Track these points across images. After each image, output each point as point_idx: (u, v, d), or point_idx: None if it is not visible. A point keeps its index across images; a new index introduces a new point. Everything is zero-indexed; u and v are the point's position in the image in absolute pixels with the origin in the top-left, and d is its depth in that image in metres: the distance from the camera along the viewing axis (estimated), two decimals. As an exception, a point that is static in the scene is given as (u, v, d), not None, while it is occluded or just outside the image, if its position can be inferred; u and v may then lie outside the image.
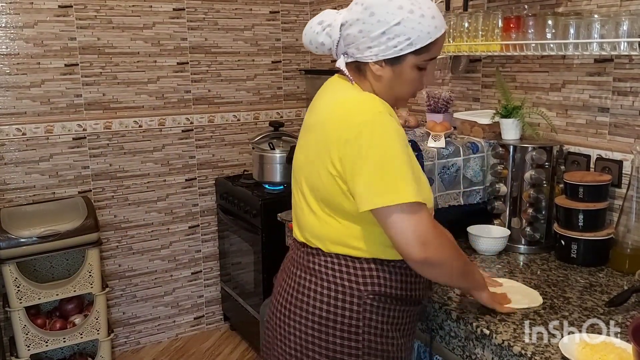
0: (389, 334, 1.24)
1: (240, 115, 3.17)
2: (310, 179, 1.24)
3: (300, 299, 1.25)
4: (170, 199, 3.05)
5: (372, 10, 1.14)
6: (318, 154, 1.20)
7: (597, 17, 1.57)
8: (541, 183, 1.74)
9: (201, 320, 3.25)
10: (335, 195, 1.18)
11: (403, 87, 1.23)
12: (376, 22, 1.14)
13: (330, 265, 1.23)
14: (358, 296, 1.21)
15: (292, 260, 1.33)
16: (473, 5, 2.14)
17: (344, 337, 1.20)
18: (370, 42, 1.16)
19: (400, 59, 1.17)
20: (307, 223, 1.27)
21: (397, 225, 1.10)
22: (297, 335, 1.24)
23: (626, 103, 1.69)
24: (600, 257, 1.63)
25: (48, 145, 2.70)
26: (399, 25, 1.13)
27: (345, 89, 1.23)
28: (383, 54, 1.17)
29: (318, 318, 1.21)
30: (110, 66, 2.79)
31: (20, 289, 2.40)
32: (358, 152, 1.11)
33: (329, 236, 1.23)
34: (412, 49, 1.16)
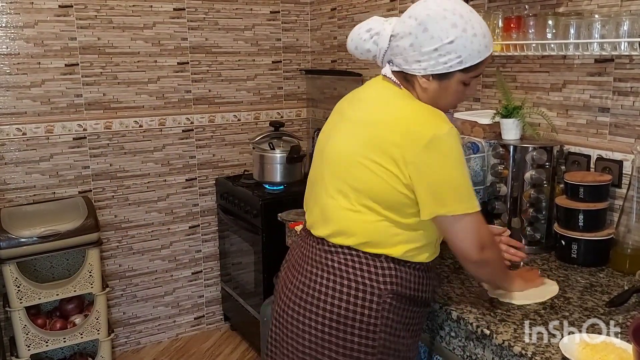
0: (401, 333, 1.26)
1: (241, 115, 3.17)
2: (353, 171, 1.23)
3: (317, 297, 1.24)
4: (170, 199, 3.05)
5: (426, 26, 1.17)
6: (374, 151, 1.20)
7: (597, 17, 1.57)
8: (541, 183, 1.74)
9: (201, 320, 3.25)
10: (390, 195, 1.20)
11: (447, 99, 1.27)
12: (429, 39, 1.17)
13: (351, 263, 1.23)
14: (378, 295, 1.22)
15: (305, 257, 1.32)
16: (473, 5, 2.13)
17: (361, 336, 1.21)
18: (420, 56, 1.19)
19: (448, 75, 1.21)
20: (341, 217, 1.25)
21: (464, 231, 1.20)
22: (312, 334, 1.24)
23: (627, 103, 1.69)
24: (600, 257, 1.63)
25: (48, 145, 2.70)
26: (452, 43, 1.17)
27: (405, 98, 1.25)
28: (432, 69, 1.20)
29: (336, 316, 1.22)
30: (111, 66, 2.79)
31: (21, 289, 2.40)
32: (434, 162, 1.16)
33: (363, 232, 1.23)
34: (461, 67, 1.20)
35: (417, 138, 1.16)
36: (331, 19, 3.08)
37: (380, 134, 1.20)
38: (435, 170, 1.17)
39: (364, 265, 1.23)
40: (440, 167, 1.17)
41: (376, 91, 1.31)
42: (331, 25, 3.09)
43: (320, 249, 1.29)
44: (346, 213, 1.24)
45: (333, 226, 1.27)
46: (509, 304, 1.38)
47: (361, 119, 1.27)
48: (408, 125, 1.18)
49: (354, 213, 1.24)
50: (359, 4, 2.84)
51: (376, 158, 1.19)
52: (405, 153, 1.16)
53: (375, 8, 2.72)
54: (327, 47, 3.16)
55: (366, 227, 1.23)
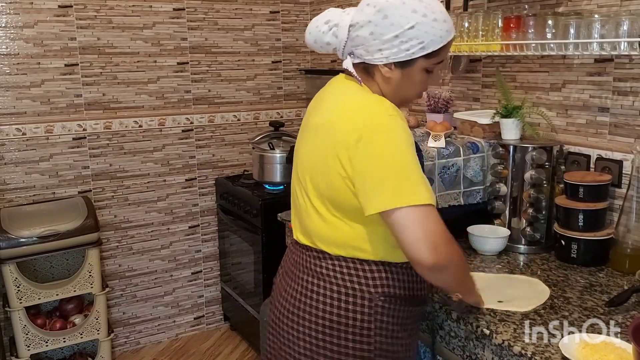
0: (398, 334, 1.24)
1: (241, 115, 3.17)
2: (316, 180, 1.22)
3: (309, 304, 1.23)
4: (170, 199, 3.05)
5: (386, 12, 1.14)
6: (326, 155, 1.17)
7: (597, 17, 1.57)
8: (541, 183, 1.74)
9: (201, 320, 3.25)
10: (345, 197, 1.16)
11: (410, 89, 1.23)
12: (389, 25, 1.14)
13: (339, 269, 1.22)
14: (369, 298, 1.20)
15: (296, 263, 1.31)
16: (473, 5, 2.14)
17: (355, 340, 1.20)
18: (381, 44, 1.16)
19: (410, 62, 1.17)
20: (313, 226, 1.25)
21: (408, 227, 1.07)
22: (306, 341, 1.22)
23: (626, 103, 1.69)
24: (600, 257, 1.63)
25: (48, 145, 2.70)
26: (413, 29, 1.13)
27: (354, 91, 1.22)
28: (394, 57, 1.16)
29: (329, 322, 1.20)
30: (110, 66, 2.79)
31: (20, 289, 2.40)
32: (369, 153, 1.10)
33: (336, 239, 1.22)
34: (423, 52, 1.16)
35: (355, 128, 1.11)
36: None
37: (334, 135, 1.16)
38: (373, 158, 1.09)
39: (352, 270, 1.21)
40: (378, 157, 1.09)
41: (333, 91, 1.28)
42: (331, 25, 3.08)
43: (309, 255, 1.27)
44: (317, 221, 1.23)
45: (311, 234, 1.26)
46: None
47: (319, 123, 1.23)
48: (349, 119, 1.15)
49: (321, 220, 1.22)
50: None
51: (334, 161, 1.15)
52: (350, 149, 1.12)
53: (375, 8, 2.71)
54: (326, 47, 3.15)
55: (336, 234, 1.21)
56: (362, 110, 1.16)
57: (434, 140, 1.79)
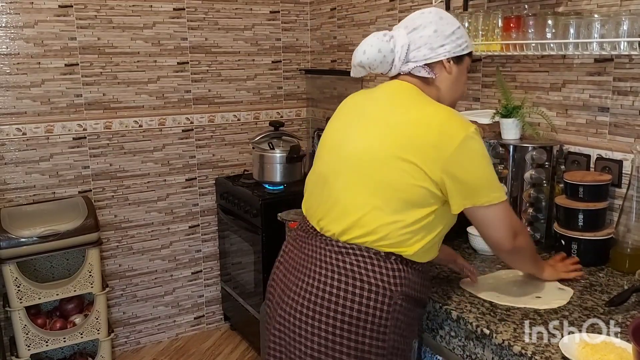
0: (406, 334, 1.28)
1: (241, 115, 3.18)
2: (384, 172, 1.24)
3: (327, 299, 1.23)
4: (170, 199, 3.05)
5: (440, 15, 1.35)
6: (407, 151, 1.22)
7: (597, 17, 1.57)
8: (541, 183, 1.74)
9: (201, 320, 3.25)
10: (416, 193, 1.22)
11: (461, 87, 1.42)
12: (446, 24, 1.34)
13: (363, 264, 1.23)
14: (390, 296, 1.23)
15: (309, 258, 1.30)
16: (473, 5, 2.14)
17: (372, 337, 1.22)
18: (444, 39, 1.33)
19: (462, 59, 1.38)
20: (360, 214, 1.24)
21: (496, 219, 1.28)
22: (322, 336, 1.22)
23: (626, 103, 1.69)
24: (600, 256, 1.63)
25: (48, 145, 2.70)
26: (460, 29, 1.36)
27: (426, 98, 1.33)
28: (454, 51, 1.34)
29: (348, 317, 1.21)
30: (111, 66, 2.79)
31: (21, 289, 2.40)
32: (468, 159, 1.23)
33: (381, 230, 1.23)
34: (469, 50, 1.39)
35: (451, 138, 1.22)
36: (331, 18, 3.08)
37: (414, 133, 1.24)
38: (469, 167, 1.23)
39: (375, 267, 1.23)
40: (473, 164, 1.24)
41: (397, 92, 1.35)
42: (331, 25, 3.09)
43: (329, 249, 1.27)
44: (367, 208, 1.24)
45: (349, 220, 1.25)
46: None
47: (390, 120, 1.28)
48: (441, 126, 1.24)
49: (377, 210, 1.23)
50: (359, 4, 2.84)
51: (410, 157, 1.22)
52: (441, 152, 1.21)
53: (375, 8, 2.72)
54: (326, 47, 3.16)
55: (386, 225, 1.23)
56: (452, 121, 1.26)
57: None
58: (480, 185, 1.25)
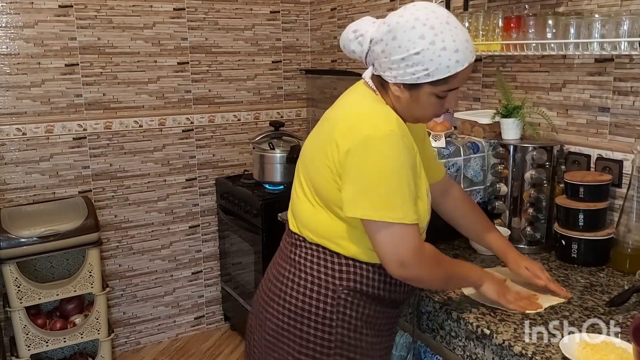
0: (362, 330, 1.27)
1: (241, 115, 3.17)
2: (310, 169, 1.28)
3: (279, 288, 1.29)
4: (170, 199, 3.05)
5: (395, 34, 1.14)
6: (321, 148, 1.23)
7: (597, 17, 1.57)
8: (542, 183, 1.74)
9: (201, 320, 3.25)
10: (330, 191, 1.21)
11: (421, 110, 1.23)
12: (397, 47, 1.14)
13: (310, 257, 1.27)
14: (333, 290, 1.24)
15: (280, 251, 1.38)
16: (473, 5, 2.14)
17: (317, 329, 1.24)
18: (390, 64, 1.17)
19: (417, 86, 1.18)
20: (300, 211, 1.30)
21: (381, 241, 1.15)
22: (273, 322, 1.28)
23: (627, 103, 1.69)
24: (600, 257, 1.63)
25: (48, 145, 2.70)
26: (418, 55, 1.13)
27: (366, 98, 1.25)
28: (401, 78, 1.17)
29: (294, 307, 1.26)
30: (111, 66, 2.79)
31: (21, 289, 2.40)
32: (363, 161, 1.14)
33: (316, 227, 1.26)
34: (429, 79, 1.15)
35: (354, 135, 1.15)
36: (331, 18, 3.08)
37: (328, 130, 1.23)
38: (364, 169, 1.13)
39: (321, 260, 1.25)
40: (370, 167, 1.13)
41: (349, 94, 1.32)
42: (331, 25, 3.09)
43: (288, 241, 1.34)
44: (306, 206, 1.28)
45: (297, 219, 1.32)
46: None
47: (326, 119, 1.30)
48: (353, 123, 1.19)
49: (309, 206, 1.27)
50: (359, 4, 2.84)
51: (322, 155, 1.21)
52: (341, 149, 1.16)
53: (375, 8, 2.72)
54: (327, 47, 3.16)
55: (318, 222, 1.25)
56: (367, 118, 1.18)
57: (434, 140, 1.79)
58: (371, 196, 1.13)
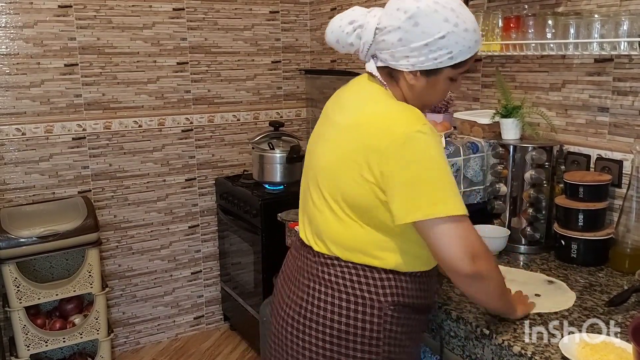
0: (406, 342, 1.23)
1: (240, 115, 3.17)
2: (337, 181, 1.18)
3: (315, 312, 1.20)
4: (170, 199, 3.05)
5: (417, 20, 1.11)
6: (353, 157, 1.14)
7: (597, 17, 1.57)
8: (541, 183, 1.74)
9: (201, 320, 3.25)
10: (367, 202, 1.14)
11: (433, 96, 1.22)
12: (420, 33, 1.11)
13: (348, 277, 1.19)
14: (379, 307, 1.18)
15: (300, 269, 1.28)
16: (473, 5, 2.13)
17: (364, 350, 1.18)
18: (409, 52, 1.13)
19: (437, 71, 1.16)
20: (327, 227, 1.22)
21: (445, 238, 1.07)
22: (312, 350, 1.20)
23: (626, 103, 1.69)
24: (600, 257, 1.63)
25: (48, 145, 2.70)
26: (444, 39, 1.11)
27: (382, 96, 1.19)
28: (420, 65, 1.14)
29: (337, 332, 1.18)
30: (110, 66, 2.79)
31: (20, 289, 2.40)
32: (407, 162, 1.08)
33: (350, 243, 1.19)
34: (451, 62, 1.14)
35: (389, 137, 1.09)
36: (331, 18, 3.08)
37: (357, 137, 1.14)
38: (409, 169, 1.08)
39: (361, 278, 1.18)
40: (414, 166, 1.08)
41: (359, 92, 1.25)
42: (331, 25, 3.08)
43: (315, 261, 1.24)
44: (334, 224, 1.20)
45: (322, 237, 1.23)
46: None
47: (343, 124, 1.21)
48: (380, 125, 1.12)
49: (339, 223, 1.19)
50: (359, 3, 2.83)
51: (361, 166, 1.13)
52: (380, 155, 1.10)
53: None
54: (326, 47, 3.16)
55: (353, 238, 1.19)
56: (397, 117, 1.13)
57: (434, 140, 1.79)
58: (423, 194, 1.08)
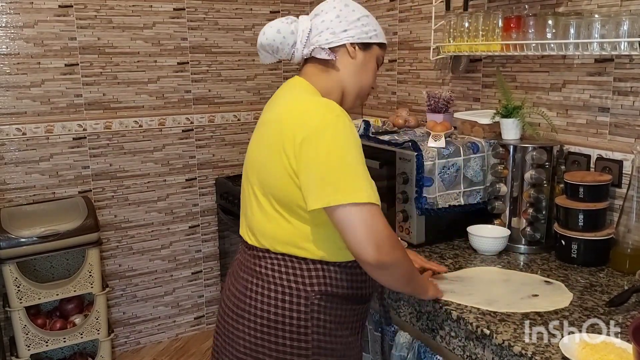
0: (337, 332, 1.26)
1: (241, 115, 3.17)
2: (262, 175, 1.24)
3: (248, 303, 1.25)
4: (170, 199, 3.05)
5: (346, 2, 1.32)
6: (273, 150, 1.19)
7: (597, 17, 1.57)
8: (541, 183, 1.74)
9: (201, 320, 3.25)
10: (289, 192, 1.18)
11: (367, 76, 1.35)
12: (351, 11, 1.31)
13: (277, 268, 1.24)
14: (305, 297, 1.22)
15: (240, 264, 1.33)
16: (473, 5, 2.14)
17: (293, 338, 1.22)
18: (347, 25, 1.29)
19: (369, 46, 1.33)
20: (257, 222, 1.27)
21: (352, 224, 1.10)
22: (246, 340, 1.25)
23: (626, 103, 1.69)
24: (600, 257, 1.63)
25: (48, 145, 2.70)
26: (367, 17, 1.33)
27: (305, 92, 1.27)
28: (358, 37, 1.30)
29: (267, 321, 1.22)
30: (111, 66, 2.79)
31: (21, 289, 2.40)
32: (315, 150, 1.12)
33: (277, 236, 1.23)
34: (377, 40, 1.34)
35: (303, 125, 1.15)
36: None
37: (281, 131, 1.18)
38: (319, 156, 1.12)
39: (289, 269, 1.23)
40: (324, 153, 1.11)
41: (288, 90, 1.32)
42: (331, 25, 3.08)
43: (250, 254, 1.30)
44: (261, 217, 1.25)
45: (255, 231, 1.28)
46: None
47: (268, 120, 1.27)
48: (299, 116, 1.18)
49: (265, 216, 1.24)
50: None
51: (280, 156, 1.17)
52: (296, 145, 1.14)
53: (375, 8, 2.72)
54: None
55: (277, 230, 1.23)
56: (312, 109, 1.19)
57: (434, 140, 1.79)
58: (331, 180, 1.10)
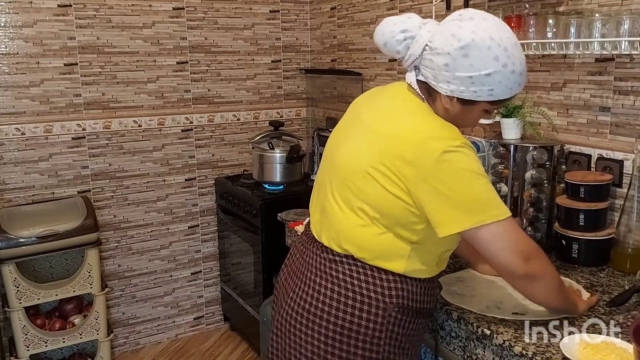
0: (405, 345, 1.25)
1: (240, 114, 3.17)
2: (362, 183, 1.19)
3: (320, 308, 1.22)
4: (169, 199, 3.04)
5: (468, 52, 1.12)
6: (383, 166, 1.16)
7: (598, 16, 1.56)
8: (542, 183, 1.73)
9: (201, 321, 3.25)
10: (398, 213, 1.16)
11: (464, 122, 1.25)
12: (468, 65, 1.12)
13: (356, 275, 1.21)
14: (383, 308, 1.20)
15: (307, 264, 1.29)
16: (473, 4, 2.13)
17: (365, 348, 1.20)
18: (452, 78, 1.15)
19: (473, 102, 1.18)
20: (342, 226, 1.23)
21: (497, 241, 1.13)
22: (315, 345, 1.22)
23: (627, 102, 1.68)
24: (601, 257, 1.62)
25: (47, 145, 2.70)
26: (489, 76, 1.13)
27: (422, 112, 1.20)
28: (459, 94, 1.16)
29: (340, 328, 1.20)
30: (110, 65, 2.78)
31: (20, 289, 2.40)
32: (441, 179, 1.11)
33: (368, 245, 1.20)
34: (490, 99, 1.17)
35: (428, 153, 1.11)
36: (331, 18, 3.08)
37: (393, 148, 1.15)
38: (449, 185, 1.11)
39: (369, 278, 1.20)
40: (454, 181, 1.11)
41: (397, 102, 1.26)
42: (331, 24, 3.09)
43: (324, 257, 1.25)
44: (350, 223, 1.21)
45: (336, 234, 1.24)
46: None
47: (378, 130, 1.21)
48: (419, 141, 1.14)
49: (358, 224, 1.21)
50: (359, 3, 2.83)
51: (387, 172, 1.15)
52: (417, 169, 1.12)
53: (375, 7, 2.71)
54: (326, 47, 3.15)
55: (369, 240, 1.20)
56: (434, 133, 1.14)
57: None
58: (468, 204, 1.11)
